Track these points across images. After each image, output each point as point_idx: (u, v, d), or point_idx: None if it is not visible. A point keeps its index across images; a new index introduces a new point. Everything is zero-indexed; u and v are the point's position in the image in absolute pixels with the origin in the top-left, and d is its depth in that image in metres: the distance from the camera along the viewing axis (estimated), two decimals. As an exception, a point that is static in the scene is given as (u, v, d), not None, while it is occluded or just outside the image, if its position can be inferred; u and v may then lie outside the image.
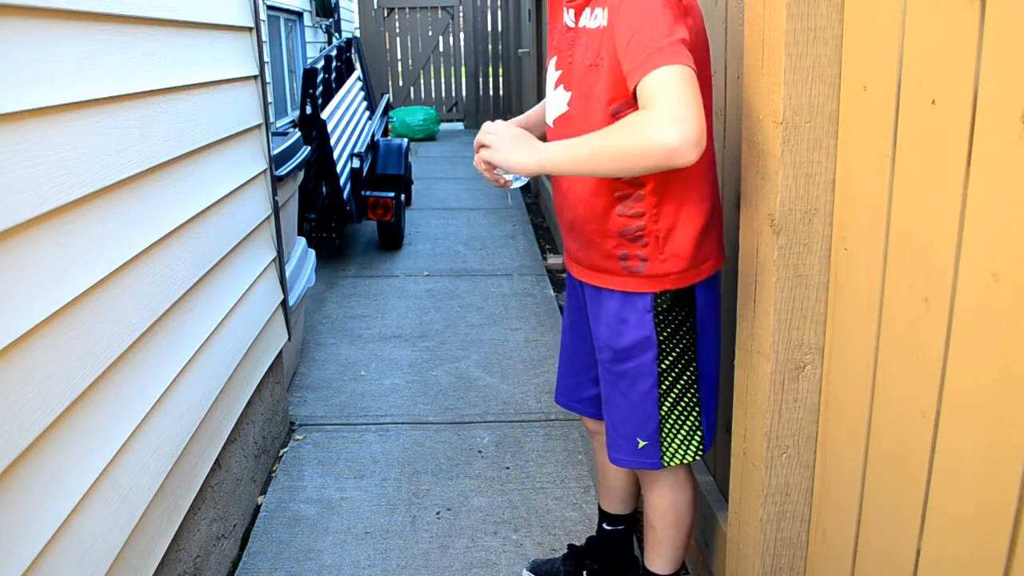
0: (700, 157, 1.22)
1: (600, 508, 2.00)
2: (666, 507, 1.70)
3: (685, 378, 1.57)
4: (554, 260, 4.90)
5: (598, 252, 1.55)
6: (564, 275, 4.65)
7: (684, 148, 1.20)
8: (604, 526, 1.99)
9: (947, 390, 1.01)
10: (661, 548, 1.74)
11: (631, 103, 1.36)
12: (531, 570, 2.07)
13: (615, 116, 1.39)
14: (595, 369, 1.71)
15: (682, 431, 1.59)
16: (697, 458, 1.61)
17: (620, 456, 1.64)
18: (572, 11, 1.50)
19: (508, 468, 2.60)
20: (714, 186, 1.54)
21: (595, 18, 1.41)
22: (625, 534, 1.99)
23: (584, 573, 2.01)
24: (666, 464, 1.60)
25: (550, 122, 1.58)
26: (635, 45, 1.27)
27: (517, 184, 1.52)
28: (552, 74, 1.58)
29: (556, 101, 1.55)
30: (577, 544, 2.09)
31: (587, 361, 1.76)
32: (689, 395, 1.58)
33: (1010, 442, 0.90)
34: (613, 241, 1.52)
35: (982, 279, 0.93)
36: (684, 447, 1.60)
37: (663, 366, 1.55)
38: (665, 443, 1.59)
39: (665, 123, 1.20)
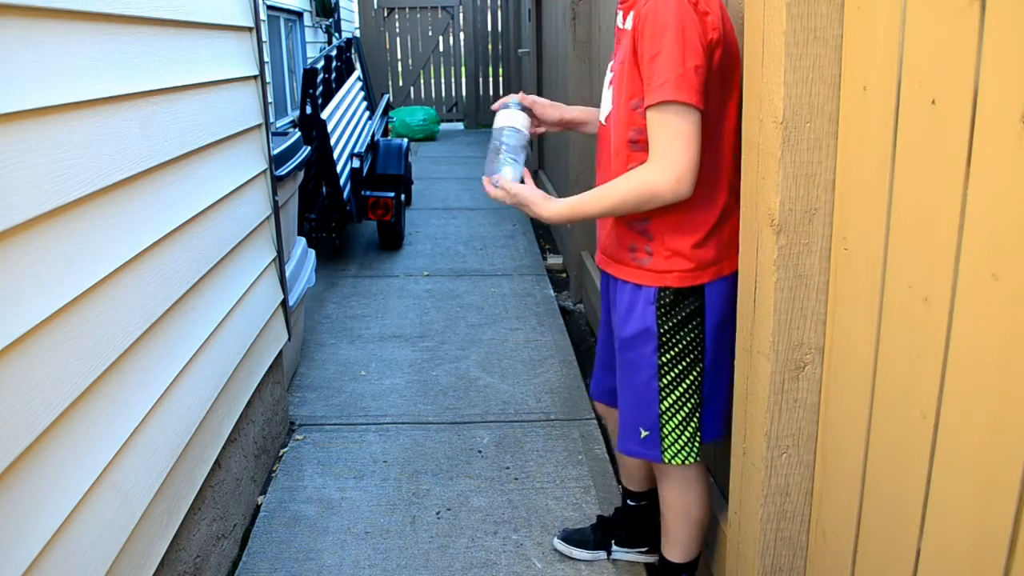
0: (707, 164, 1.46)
1: (623, 486, 2.09)
2: (673, 499, 1.76)
3: (691, 379, 1.62)
4: (554, 260, 4.90)
5: (615, 240, 1.65)
6: (564, 275, 4.66)
7: (679, 193, 1.45)
8: (628, 502, 2.08)
9: (947, 390, 1.01)
10: (670, 537, 1.82)
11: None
12: (562, 538, 2.15)
13: (635, 110, 1.52)
14: (610, 351, 1.81)
15: (686, 432, 1.64)
16: (696, 459, 1.66)
17: (626, 445, 1.72)
18: (621, 12, 1.59)
19: (508, 468, 2.60)
20: (725, 191, 1.57)
21: (627, 20, 1.52)
22: (648, 508, 2.05)
23: (613, 542, 2.10)
24: (667, 460, 1.66)
25: (603, 119, 1.68)
26: (653, 67, 1.42)
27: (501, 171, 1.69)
28: (607, 75, 1.69)
29: (606, 100, 1.66)
30: (605, 515, 2.18)
31: (612, 351, 1.84)
32: (696, 398, 1.63)
33: (1010, 442, 0.90)
34: (626, 230, 1.62)
35: (982, 279, 0.93)
36: (687, 449, 1.66)
37: (663, 359, 1.61)
38: (667, 440, 1.65)
39: (669, 183, 1.43)
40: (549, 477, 2.54)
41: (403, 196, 5.30)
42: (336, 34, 8.30)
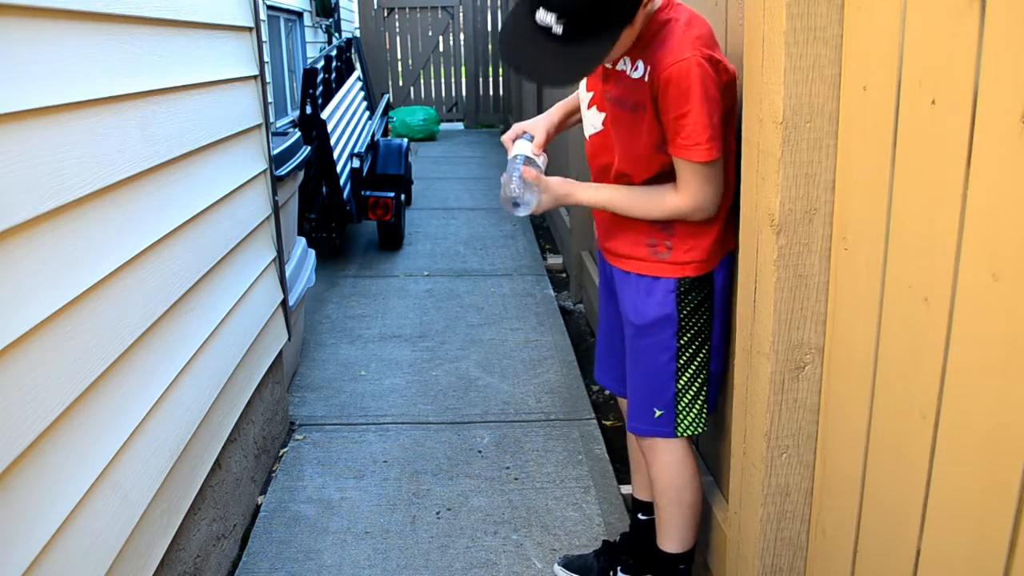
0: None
1: (634, 498, 2.06)
2: (666, 483, 1.78)
3: (701, 356, 1.71)
4: (554, 260, 4.90)
5: (628, 239, 1.71)
6: (564, 275, 4.66)
7: (705, 219, 1.61)
8: (639, 516, 2.04)
9: (947, 390, 1.01)
10: (665, 526, 1.82)
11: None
12: (563, 565, 2.09)
13: (659, 152, 1.59)
14: (615, 333, 1.85)
15: (696, 406, 1.73)
16: (704, 430, 1.75)
17: (638, 425, 1.77)
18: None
19: (508, 468, 2.60)
20: (731, 190, 1.65)
21: (636, 70, 1.56)
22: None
23: (618, 568, 2.04)
24: (680, 434, 1.74)
25: (587, 136, 1.76)
26: (685, 126, 1.50)
27: (522, 213, 1.72)
28: (584, 95, 1.74)
29: (591, 120, 1.73)
30: (611, 540, 2.12)
31: (618, 339, 1.87)
32: (704, 373, 1.72)
33: (1010, 442, 0.90)
34: (646, 228, 1.67)
35: (982, 279, 0.93)
36: (696, 422, 1.74)
37: (682, 342, 1.69)
38: (681, 415, 1.73)
39: (695, 212, 1.59)
40: (549, 477, 2.54)
41: (403, 196, 5.30)
42: (336, 34, 8.30)
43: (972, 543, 0.98)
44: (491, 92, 10.97)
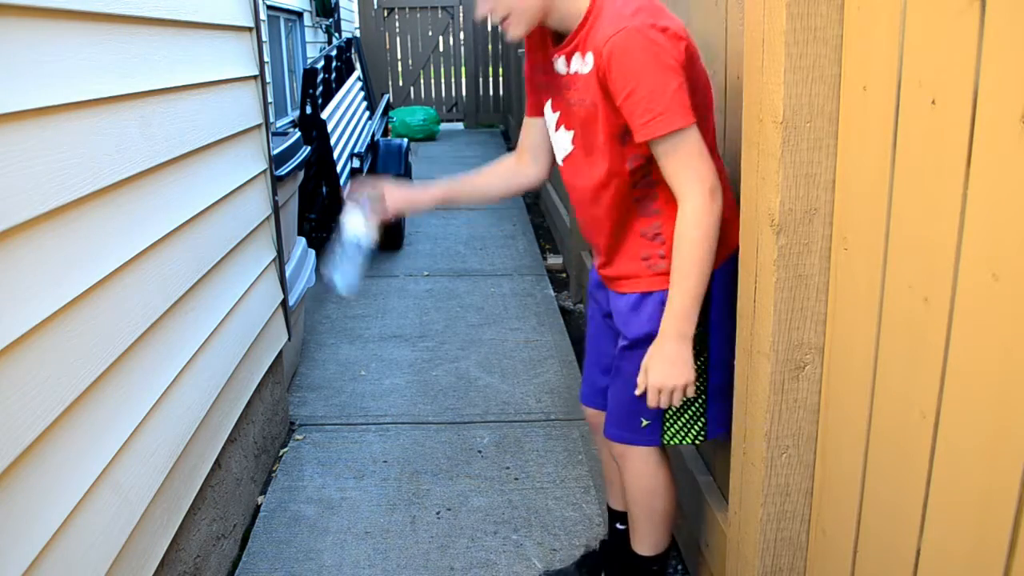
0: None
1: (610, 508, 2.02)
2: (638, 490, 1.75)
3: (696, 366, 1.61)
4: (554, 260, 4.90)
5: (623, 259, 1.64)
6: (564, 275, 4.66)
7: (718, 203, 1.46)
8: (617, 525, 2.00)
9: (947, 390, 1.01)
10: (638, 529, 1.80)
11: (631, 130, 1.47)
12: None
13: (621, 142, 1.50)
14: (610, 360, 1.77)
15: (684, 415, 1.67)
16: (698, 442, 1.69)
17: (623, 433, 1.70)
18: (563, 58, 1.56)
19: (508, 468, 2.60)
20: (722, 180, 1.58)
21: (586, 64, 1.49)
22: None
23: None
24: (667, 442, 1.69)
25: (560, 161, 1.68)
26: (639, 101, 1.40)
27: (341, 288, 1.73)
28: (551, 117, 1.65)
29: (561, 142, 1.65)
30: (591, 549, 2.09)
31: (605, 352, 1.82)
32: (698, 383, 1.64)
33: (1010, 442, 0.90)
34: (637, 240, 1.61)
35: (982, 279, 0.93)
36: (684, 430, 1.68)
37: None
38: (668, 423, 1.67)
39: (707, 211, 1.45)
40: (549, 477, 2.54)
41: (403, 196, 5.28)
42: (336, 34, 8.30)
43: (972, 543, 0.98)
44: (491, 92, 10.98)
